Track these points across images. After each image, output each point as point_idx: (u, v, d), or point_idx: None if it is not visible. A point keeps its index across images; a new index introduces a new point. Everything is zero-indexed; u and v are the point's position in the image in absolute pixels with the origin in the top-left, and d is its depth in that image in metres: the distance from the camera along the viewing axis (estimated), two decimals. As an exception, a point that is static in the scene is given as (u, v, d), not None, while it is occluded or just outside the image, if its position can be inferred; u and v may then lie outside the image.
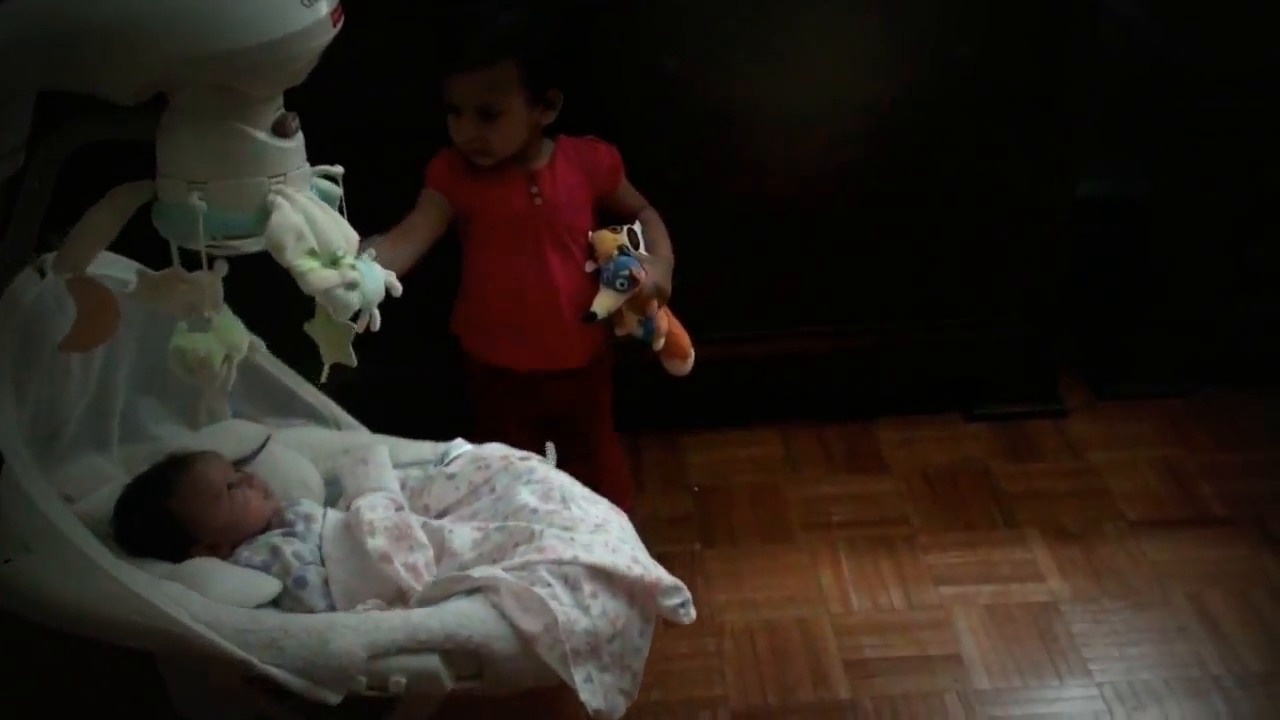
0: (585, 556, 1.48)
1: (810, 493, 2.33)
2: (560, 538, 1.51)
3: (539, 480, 1.65)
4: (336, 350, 1.48)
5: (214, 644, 1.36)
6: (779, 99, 2.17)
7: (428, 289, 1.83)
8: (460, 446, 1.75)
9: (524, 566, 1.47)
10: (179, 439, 1.74)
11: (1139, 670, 1.95)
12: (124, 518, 1.62)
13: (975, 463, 2.40)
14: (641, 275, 1.87)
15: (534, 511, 1.58)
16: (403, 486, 1.70)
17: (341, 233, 1.39)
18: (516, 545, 1.53)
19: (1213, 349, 2.53)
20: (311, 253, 1.36)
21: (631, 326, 1.92)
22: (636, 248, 1.92)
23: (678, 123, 2.17)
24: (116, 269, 1.58)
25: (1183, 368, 2.54)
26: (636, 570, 1.49)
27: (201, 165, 1.35)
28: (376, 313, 1.44)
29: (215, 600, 1.44)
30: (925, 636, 2.02)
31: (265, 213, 1.35)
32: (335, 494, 1.73)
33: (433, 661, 1.39)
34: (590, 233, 1.93)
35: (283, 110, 1.38)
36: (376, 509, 1.60)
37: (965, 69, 2.18)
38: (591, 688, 1.44)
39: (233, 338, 1.58)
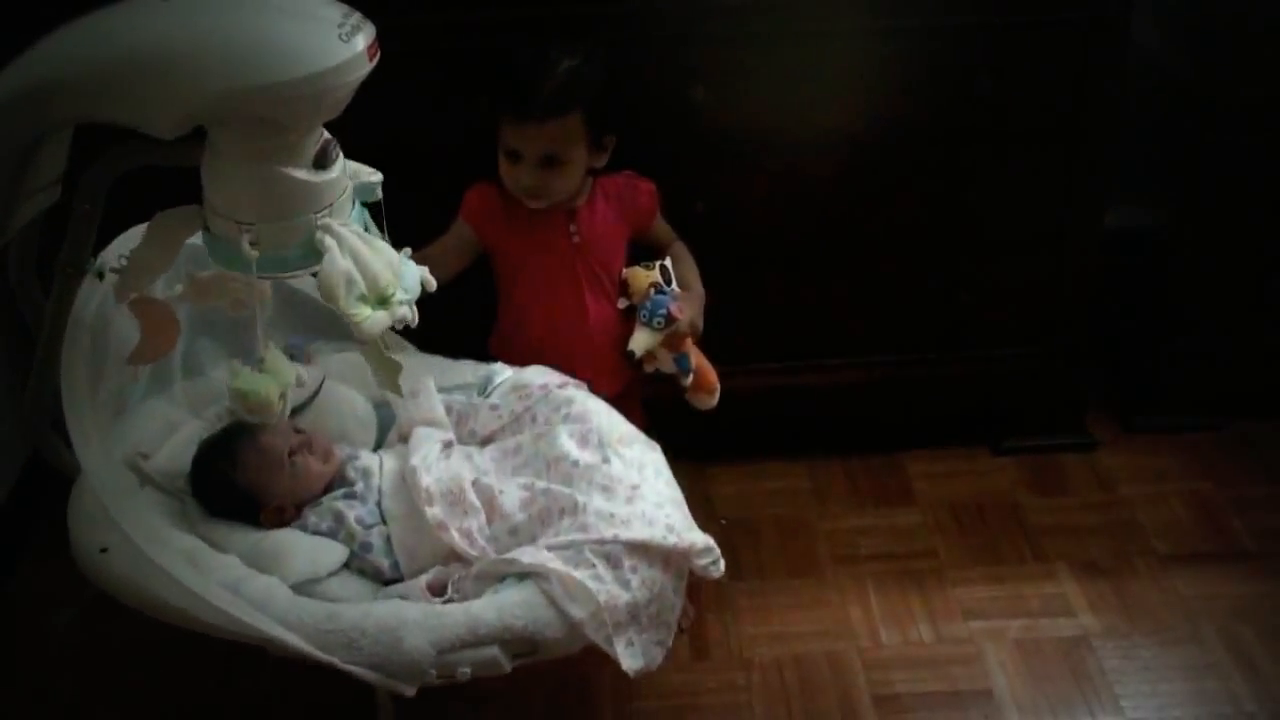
0: (625, 534, 1.61)
1: (838, 526, 2.32)
2: (601, 514, 1.63)
3: (577, 416, 1.78)
4: (386, 380, 1.58)
5: (297, 646, 1.50)
6: (805, 130, 2.18)
7: (457, 317, 1.85)
8: (502, 372, 1.87)
9: (569, 546, 1.61)
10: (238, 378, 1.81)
11: (1171, 707, 1.94)
12: (197, 486, 1.76)
13: (1003, 496, 2.39)
14: (679, 314, 1.90)
15: (575, 464, 1.72)
16: (448, 410, 1.85)
17: (387, 263, 1.42)
18: (562, 512, 1.68)
19: (1242, 382, 2.51)
20: (362, 298, 1.39)
21: (665, 363, 1.93)
22: (669, 284, 1.93)
23: (705, 153, 2.17)
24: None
25: (1212, 400, 2.52)
26: (671, 539, 1.63)
27: (249, 208, 1.38)
28: (414, 309, 1.48)
29: (293, 575, 1.63)
30: (955, 671, 2.01)
31: (313, 247, 1.39)
32: (386, 417, 1.90)
33: (493, 652, 1.53)
34: (624, 269, 1.95)
35: (323, 139, 1.39)
36: (431, 468, 1.73)
37: (991, 100, 2.18)
38: (632, 651, 1.59)
39: (284, 376, 1.65)
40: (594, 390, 1.94)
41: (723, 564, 1.67)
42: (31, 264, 1.63)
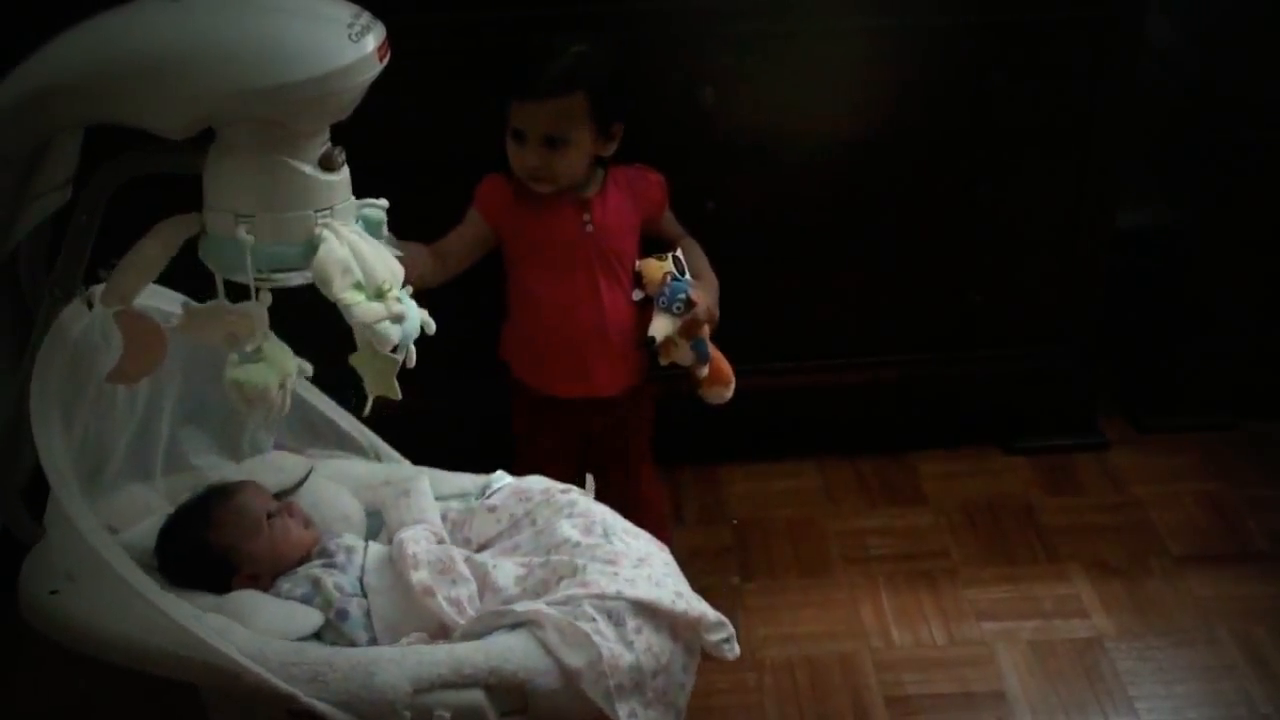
0: (629, 591, 1.47)
1: (849, 526, 2.31)
2: (604, 572, 1.50)
3: (580, 514, 1.64)
4: (381, 383, 1.48)
5: (259, 677, 1.36)
6: (816, 129, 2.17)
7: (468, 319, 1.84)
8: (501, 479, 1.75)
9: (567, 601, 1.47)
10: (221, 470, 1.74)
11: (1186, 709, 1.93)
12: (166, 548, 1.62)
13: (1015, 496, 2.38)
14: (698, 298, 1.90)
15: (576, 545, 1.58)
16: (444, 519, 1.70)
17: (387, 266, 1.40)
18: (560, 579, 1.52)
19: (1256, 381, 2.50)
20: (357, 286, 1.36)
21: (683, 351, 1.93)
22: (683, 274, 1.93)
23: (715, 153, 2.17)
24: (161, 300, 1.59)
25: (1226, 400, 2.51)
26: (680, 605, 1.48)
27: (248, 198, 1.36)
28: (413, 349, 1.44)
29: (258, 633, 1.45)
30: (968, 673, 2.00)
31: (312, 246, 1.36)
32: (376, 526, 1.73)
33: (477, 696, 1.39)
34: (637, 261, 1.95)
35: (329, 144, 1.39)
36: (420, 542, 1.60)
37: (1003, 99, 2.17)
38: None
39: (284, 364, 1.56)
40: (605, 390, 1.97)
41: (737, 647, 1.54)
42: (43, 265, 1.62)
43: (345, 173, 1.40)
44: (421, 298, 1.48)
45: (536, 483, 1.72)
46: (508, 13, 2.01)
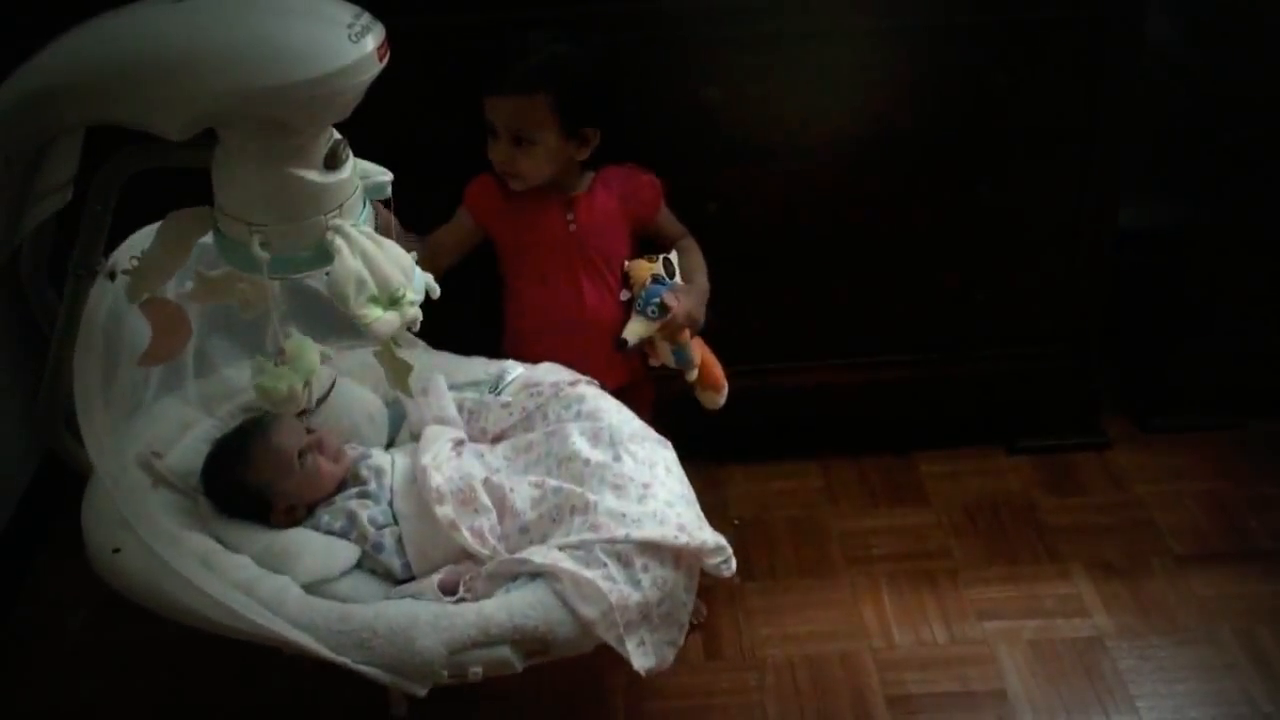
0: (636, 533, 1.61)
1: (851, 526, 2.32)
2: (612, 514, 1.64)
3: (588, 414, 1.80)
4: (398, 382, 1.56)
5: (310, 646, 1.49)
6: (818, 130, 2.17)
7: (471, 327, 1.85)
8: (514, 370, 1.89)
9: (580, 545, 1.62)
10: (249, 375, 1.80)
11: (1187, 708, 1.93)
12: (209, 485, 1.77)
13: (1017, 496, 2.38)
14: (674, 303, 1.89)
15: (586, 463, 1.73)
16: (460, 408, 1.86)
17: (397, 264, 1.42)
18: (573, 511, 1.68)
19: (1258, 381, 2.50)
20: (373, 299, 1.38)
21: (665, 355, 1.94)
22: (672, 277, 1.93)
23: (717, 154, 2.17)
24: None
25: (1228, 400, 2.51)
26: (683, 539, 1.63)
27: (260, 210, 1.38)
28: (419, 313, 1.47)
29: (305, 574, 1.64)
30: (969, 672, 2.00)
31: (323, 248, 1.39)
32: (397, 415, 1.91)
33: (504, 651, 1.54)
34: (626, 261, 1.96)
35: (333, 139, 1.39)
36: (441, 467, 1.74)
37: (1004, 98, 2.17)
38: (643, 650, 1.59)
39: (308, 362, 1.64)
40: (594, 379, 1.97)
41: (734, 563, 1.67)
42: (44, 265, 1.63)
43: (351, 164, 1.41)
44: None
45: (547, 373, 1.87)
46: (508, 13, 2.01)
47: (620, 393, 1.97)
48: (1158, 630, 2.06)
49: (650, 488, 1.70)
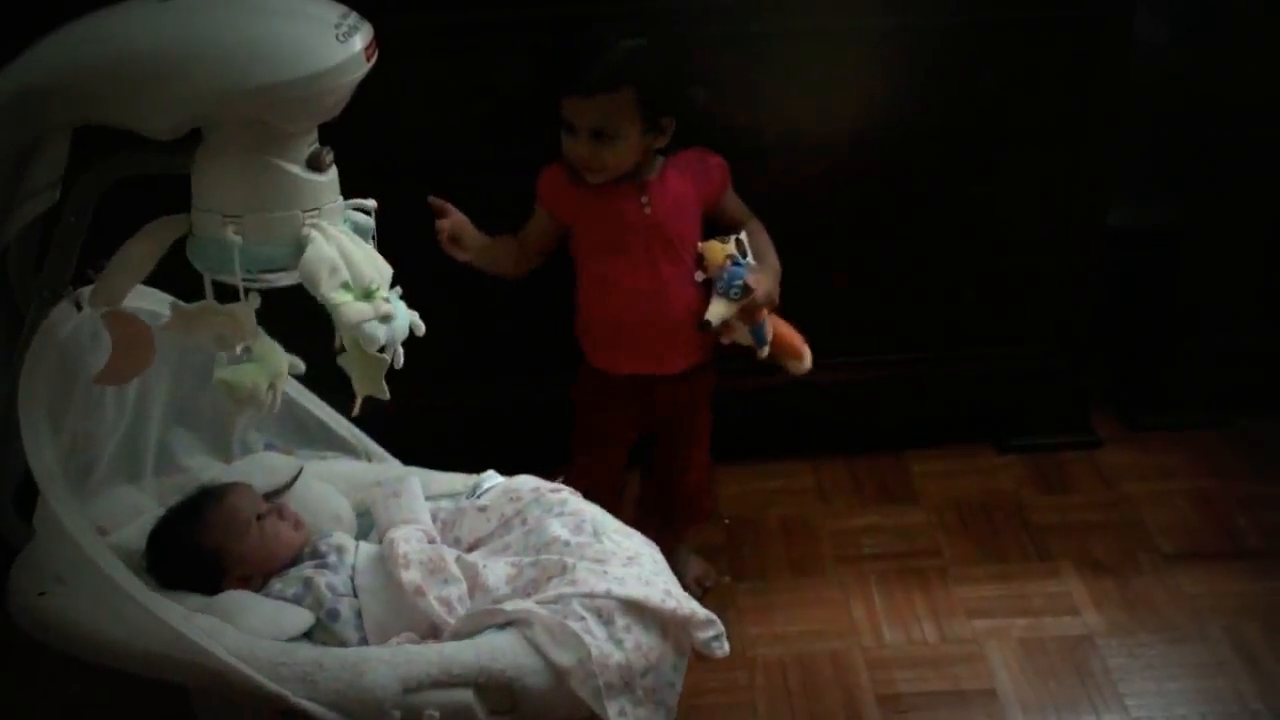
0: (618, 590, 1.47)
1: (841, 525, 2.32)
2: (593, 570, 1.50)
3: (571, 513, 1.65)
4: (370, 383, 1.48)
5: (249, 678, 1.36)
6: (807, 129, 2.17)
7: (456, 322, 1.84)
8: (492, 479, 1.76)
9: (557, 599, 1.47)
10: (211, 471, 1.74)
11: (1176, 705, 1.93)
12: (156, 550, 1.63)
13: (1007, 494, 2.38)
14: (755, 285, 1.91)
15: (566, 544, 1.58)
16: (434, 519, 1.70)
17: (375, 266, 1.41)
18: (550, 579, 1.53)
19: (1248, 379, 2.51)
20: (345, 286, 1.36)
21: (741, 334, 1.95)
22: (745, 256, 1.94)
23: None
24: (150, 301, 1.59)
25: (1217, 398, 2.52)
26: (670, 604, 1.49)
27: (236, 199, 1.36)
28: (401, 350, 1.45)
29: (248, 633, 1.45)
30: (959, 671, 2.00)
31: (300, 246, 1.37)
32: (366, 526, 1.74)
33: (466, 696, 1.39)
34: (700, 243, 1.96)
35: (317, 144, 1.39)
36: (410, 541, 1.60)
37: (995, 98, 2.17)
38: None
39: (274, 363, 1.57)
40: (670, 367, 2.00)
41: (727, 645, 1.54)
42: (31, 266, 1.62)
43: (333, 173, 1.41)
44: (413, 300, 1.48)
45: (526, 482, 1.73)
46: (497, 13, 2.02)
47: (686, 376, 2.02)
48: (1147, 628, 2.07)
49: (635, 560, 1.57)
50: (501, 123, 2.11)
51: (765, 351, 1.98)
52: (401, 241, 1.50)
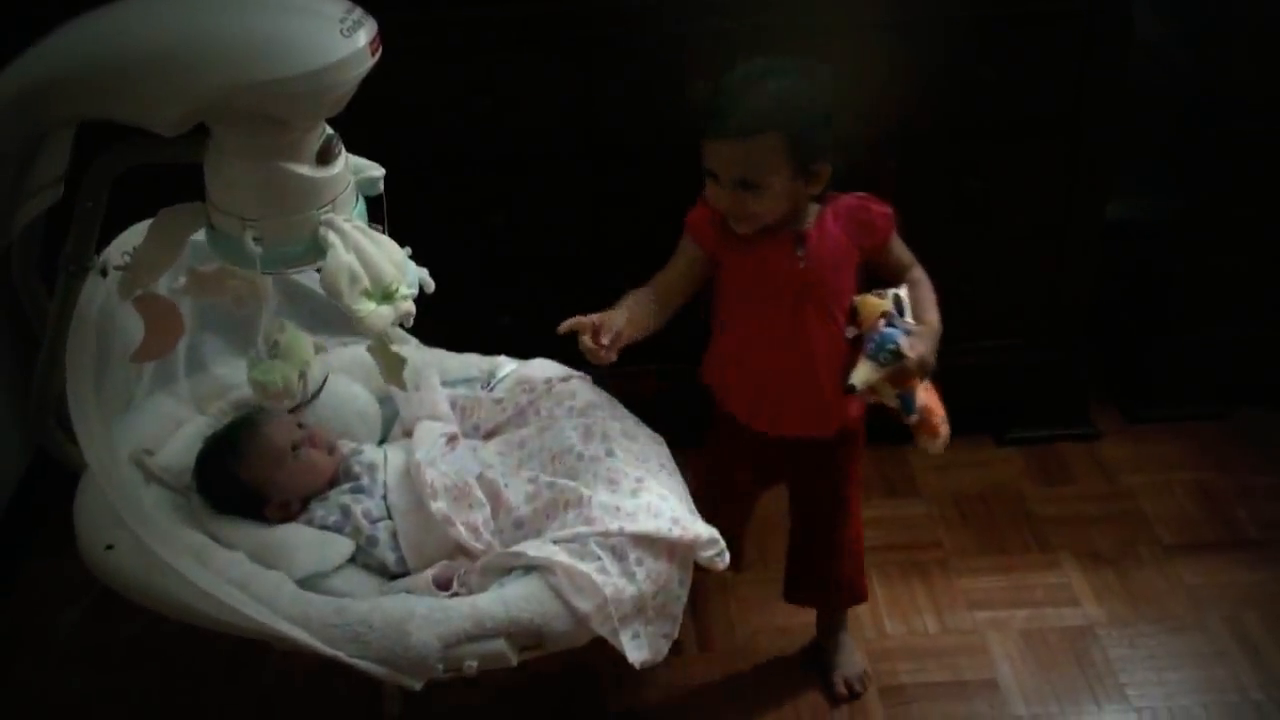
0: (630, 527, 1.60)
1: (842, 517, 2.32)
2: (605, 506, 1.63)
3: (581, 410, 1.79)
4: (392, 376, 1.55)
5: (304, 641, 1.48)
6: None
7: (466, 320, 1.85)
8: (505, 365, 1.88)
9: (574, 538, 1.61)
10: (241, 374, 1.80)
11: (1177, 695, 1.94)
12: (202, 482, 1.75)
13: (1007, 486, 2.39)
14: (908, 350, 1.71)
15: (579, 457, 1.72)
16: (452, 405, 1.85)
17: (390, 259, 1.42)
18: (567, 505, 1.67)
19: (1246, 371, 2.51)
20: (366, 294, 1.39)
21: (888, 398, 1.75)
22: (902, 315, 1.76)
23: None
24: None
25: (1216, 390, 2.52)
26: (677, 531, 1.61)
27: (253, 204, 1.38)
28: (412, 306, 1.47)
29: (300, 569, 1.63)
30: (960, 662, 2.01)
31: (316, 244, 1.39)
32: (390, 412, 1.90)
33: (499, 644, 1.53)
34: (854, 297, 1.78)
35: (326, 134, 1.39)
36: (435, 463, 1.73)
37: (992, 91, 2.18)
38: (637, 643, 1.58)
39: (302, 354, 1.66)
40: (809, 430, 1.84)
41: (728, 556, 1.65)
42: (33, 262, 1.62)
43: (343, 158, 1.41)
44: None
45: (539, 370, 1.85)
46: (490, 10, 2.01)
47: (828, 443, 1.85)
48: (1147, 619, 2.08)
49: (643, 482, 1.69)
50: (503, 119, 2.11)
51: (913, 419, 1.77)
52: (406, 239, 1.51)
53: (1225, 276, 2.43)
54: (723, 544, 1.64)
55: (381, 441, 1.92)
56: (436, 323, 1.53)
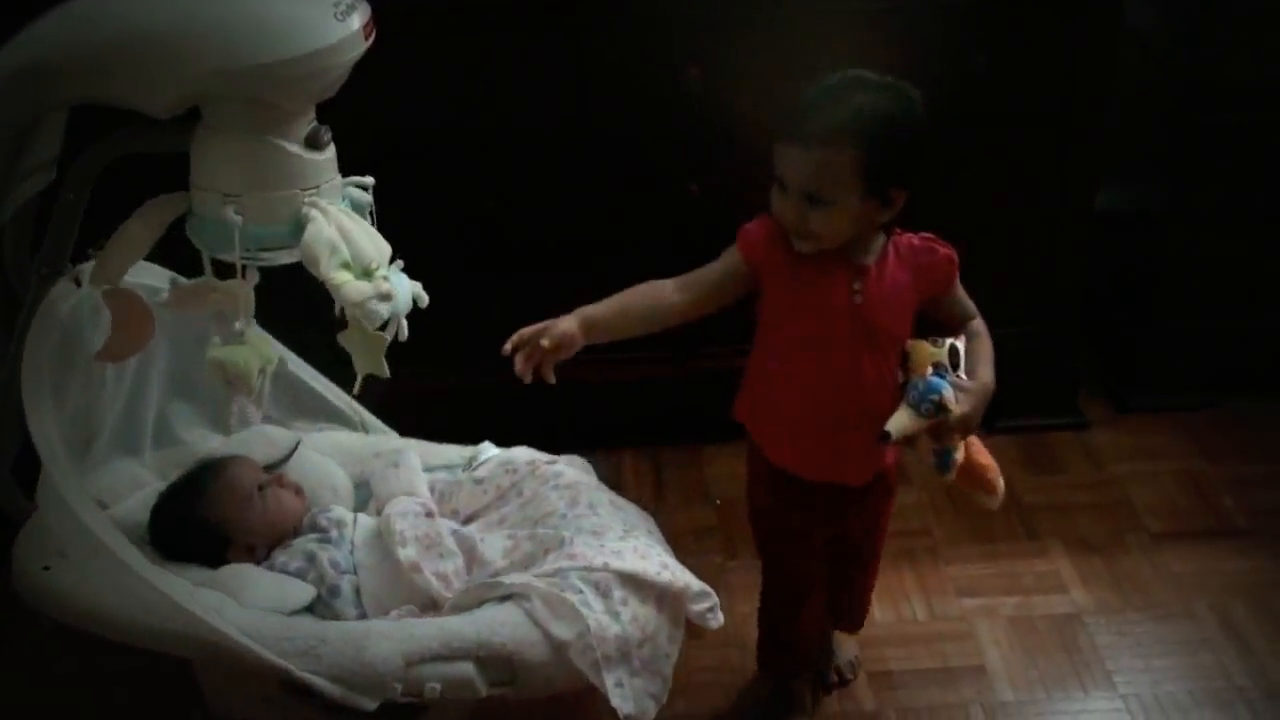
0: (615, 563, 1.50)
1: (832, 505, 2.33)
2: (590, 545, 1.53)
3: (566, 485, 1.68)
4: (370, 361, 1.51)
5: (253, 652, 1.38)
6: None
7: (456, 304, 1.85)
8: (488, 450, 1.78)
9: (555, 573, 1.50)
10: (210, 444, 1.76)
11: (1164, 682, 1.95)
12: (159, 523, 1.65)
13: (997, 475, 2.40)
14: (951, 404, 1.58)
15: (563, 516, 1.61)
16: (431, 490, 1.73)
17: (374, 244, 1.42)
18: (547, 552, 1.56)
19: (1234, 361, 2.52)
20: (345, 265, 1.38)
21: (924, 451, 1.63)
22: (956, 368, 1.65)
23: (699, 135, 2.18)
24: (149, 277, 1.61)
25: (1204, 380, 2.54)
26: (665, 576, 1.52)
27: (235, 178, 1.38)
28: (404, 322, 1.47)
29: (252, 607, 1.48)
30: (949, 648, 2.02)
31: (299, 225, 1.38)
32: (364, 498, 1.76)
33: (467, 669, 1.42)
34: (908, 341, 1.66)
35: (315, 123, 1.40)
36: (407, 517, 1.62)
37: (983, 81, 2.18)
38: (622, 692, 1.47)
39: (265, 351, 1.61)
40: (857, 473, 1.72)
41: (721, 617, 1.57)
42: (27, 247, 1.62)
43: (331, 151, 1.42)
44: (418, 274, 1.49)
45: (522, 454, 1.75)
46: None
47: (862, 491, 1.73)
48: (1134, 606, 2.09)
49: (632, 532, 1.61)
50: (495, 102, 2.11)
51: (949, 477, 1.66)
52: (398, 223, 1.51)
53: (1214, 267, 2.44)
54: (716, 600, 1.57)
55: None
56: (420, 314, 1.51)
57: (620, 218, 2.24)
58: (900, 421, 1.58)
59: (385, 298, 1.41)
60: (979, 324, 1.73)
